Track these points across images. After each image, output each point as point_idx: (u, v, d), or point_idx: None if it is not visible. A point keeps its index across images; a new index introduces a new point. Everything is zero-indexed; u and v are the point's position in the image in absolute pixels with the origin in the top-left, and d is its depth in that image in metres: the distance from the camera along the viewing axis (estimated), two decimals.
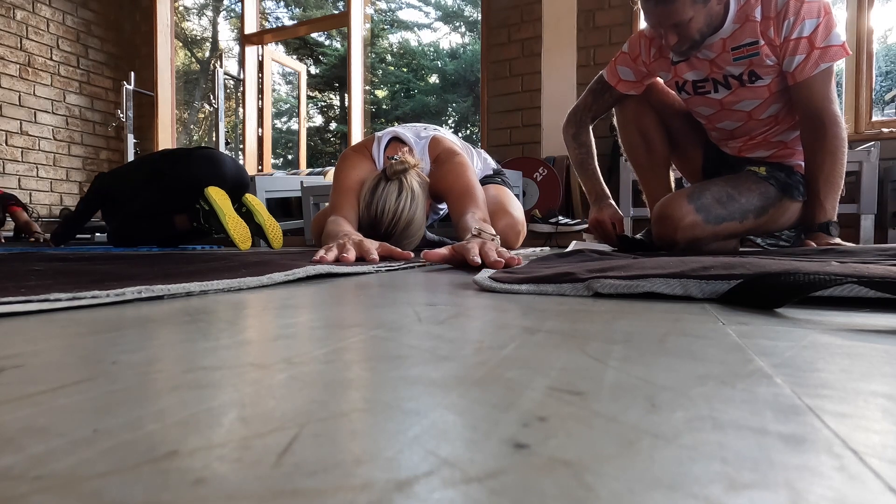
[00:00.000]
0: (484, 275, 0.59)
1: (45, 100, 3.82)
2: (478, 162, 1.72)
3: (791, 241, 1.38)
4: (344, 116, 9.58)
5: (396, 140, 1.44)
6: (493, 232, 0.99)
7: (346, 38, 3.69)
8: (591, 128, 1.49)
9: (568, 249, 1.28)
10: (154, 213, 2.10)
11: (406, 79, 9.94)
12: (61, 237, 2.25)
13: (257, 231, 2.10)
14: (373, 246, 0.96)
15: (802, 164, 1.30)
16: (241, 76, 4.13)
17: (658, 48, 1.31)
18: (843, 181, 1.21)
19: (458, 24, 10.31)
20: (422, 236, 1.33)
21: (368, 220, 1.23)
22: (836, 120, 1.17)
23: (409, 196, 1.23)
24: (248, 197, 2.16)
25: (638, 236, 1.47)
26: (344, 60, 6.87)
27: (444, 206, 1.53)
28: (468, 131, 9.69)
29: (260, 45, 4.09)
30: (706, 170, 1.47)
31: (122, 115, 3.82)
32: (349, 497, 0.11)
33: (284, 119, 10.52)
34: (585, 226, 2.53)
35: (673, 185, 1.50)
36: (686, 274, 0.48)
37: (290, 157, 10.24)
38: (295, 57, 9.15)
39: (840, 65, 1.21)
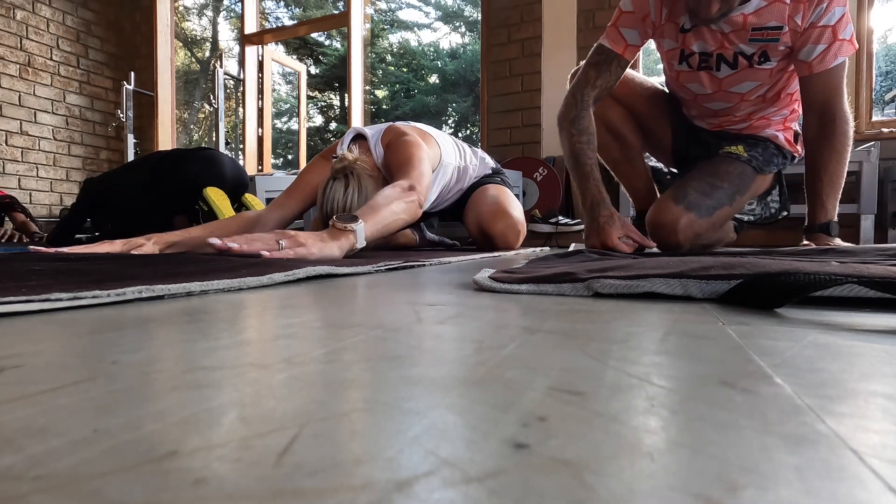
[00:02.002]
0: (484, 274, 0.59)
1: (45, 100, 3.82)
2: (473, 160, 1.71)
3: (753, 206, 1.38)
4: (344, 116, 9.58)
5: (360, 137, 1.45)
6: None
7: (346, 38, 3.69)
8: (592, 112, 1.26)
9: (568, 249, 1.29)
10: (154, 215, 2.10)
11: (406, 79, 9.93)
12: (56, 240, 2.25)
13: None
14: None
15: (777, 134, 1.30)
16: (241, 76, 4.13)
17: (670, 9, 1.15)
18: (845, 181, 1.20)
19: (458, 24, 10.31)
20: (395, 228, 1.22)
21: (323, 219, 1.26)
22: (847, 118, 1.14)
23: (356, 189, 1.25)
24: (248, 197, 2.16)
25: None
26: (344, 60, 6.87)
27: None
28: (468, 131, 9.69)
29: (260, 45, 4.09)
30: (676, 148, 1.43)
31: (122, 115, 3.82)
32: (349, 497, 0.11)
33: (284, 119, 10.52)
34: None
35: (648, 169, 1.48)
36: (686, 274, 0.48)
37: (290, 157, 10.24)
38: (295, 57, 9.15)
39: None
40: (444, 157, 1.51)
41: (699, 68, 1.21)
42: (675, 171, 1.55)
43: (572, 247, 1.43)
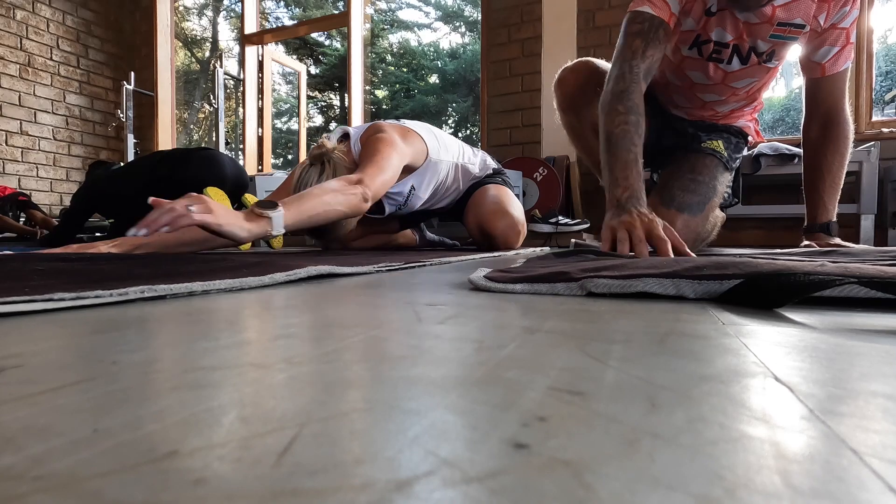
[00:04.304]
0: (479, 274, 0.59)
1: (45, 100, 3.82)
2: (473, 159, 1.71)
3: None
4: (344, 116, 9.58)
5: (346, 137, 1.46)
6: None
7: (346, 38, 3.69)
8: (643, 88, 1.03)
9: (568, 248, 1.29)
10: None
11: (406, 79, 9.94)
12: (54, 241, 2.24)
13: None
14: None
15: (749, 125, 1.34)
16: (241, 76, 4.13)
17: None
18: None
19: (458, 24, 10.31)
20: (327, 218, 1.19)
21: None
22: (849, 120, 1.16)
23: (330, 176, 1.28)
24: (248, 197, 2.16)
25: None
26: (344, 60, 6.87)
27: (397, 192, 1.52)
28: (468, 131, 9.69)
29: (260, 45, 4.09)
30: (651, 139, 1.40)
31: (122, 115, 3.82)
32: (349, 497, 0.11)
33: (284, 119, 10.53)
34: (586, 226, 2.53)
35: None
36: (679, 274, 0.48)
37: (290, 157, 10.24)
38: (295, 57, 9.15)
39: None
40: (433, 154, 1.50)
41: (709, 58, 1.16)
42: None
43: (572, 244, 1.42)
